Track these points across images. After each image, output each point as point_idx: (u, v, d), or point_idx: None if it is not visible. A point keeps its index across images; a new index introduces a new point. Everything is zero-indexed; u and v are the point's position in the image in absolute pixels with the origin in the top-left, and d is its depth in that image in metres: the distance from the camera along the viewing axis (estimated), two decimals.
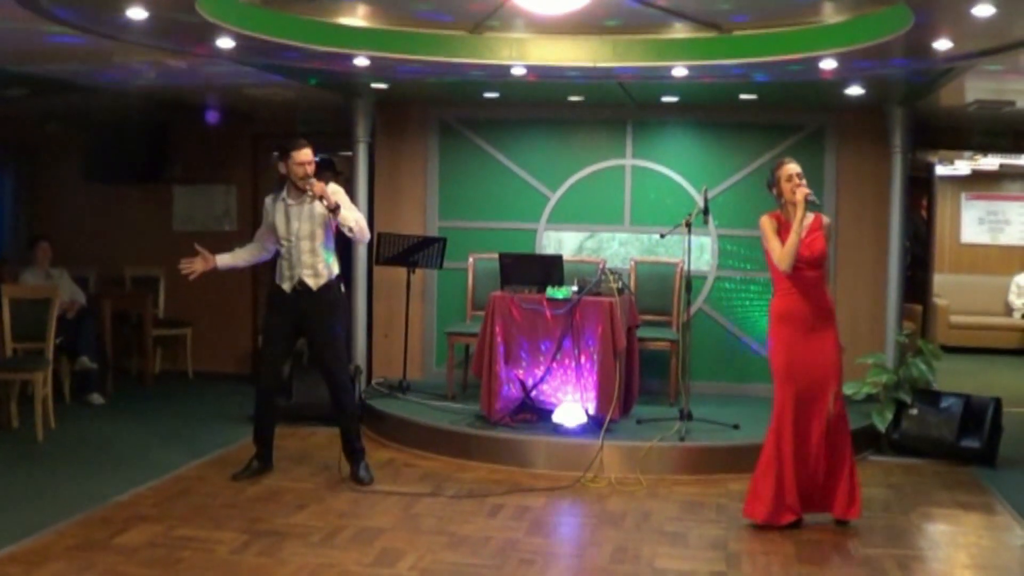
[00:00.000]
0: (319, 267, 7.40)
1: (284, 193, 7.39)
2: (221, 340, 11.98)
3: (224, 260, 7.65)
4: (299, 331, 7.58)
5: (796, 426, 6.53)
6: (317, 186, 7.21)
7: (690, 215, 8.38)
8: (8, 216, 12.45)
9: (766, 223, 6.63)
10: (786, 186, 6.60)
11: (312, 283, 7.37)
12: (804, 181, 6.59)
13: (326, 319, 7.45)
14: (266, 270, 11.88)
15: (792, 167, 6.64)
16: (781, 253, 6.54)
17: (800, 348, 6.57)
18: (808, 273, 6.55)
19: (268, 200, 7.55)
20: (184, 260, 7.52)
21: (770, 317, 6.76)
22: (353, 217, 7.31)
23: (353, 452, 7.54)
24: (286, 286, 7.40)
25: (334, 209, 7.18)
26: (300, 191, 7.30)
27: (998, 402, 8.49)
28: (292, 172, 7.28)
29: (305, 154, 7.28)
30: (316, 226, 7.34)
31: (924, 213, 12.63)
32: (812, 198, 6.56)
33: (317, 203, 7.28)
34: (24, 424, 8.74)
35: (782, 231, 6.58)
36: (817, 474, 6.55)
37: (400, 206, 10.61)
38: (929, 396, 8.68)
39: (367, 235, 7.58)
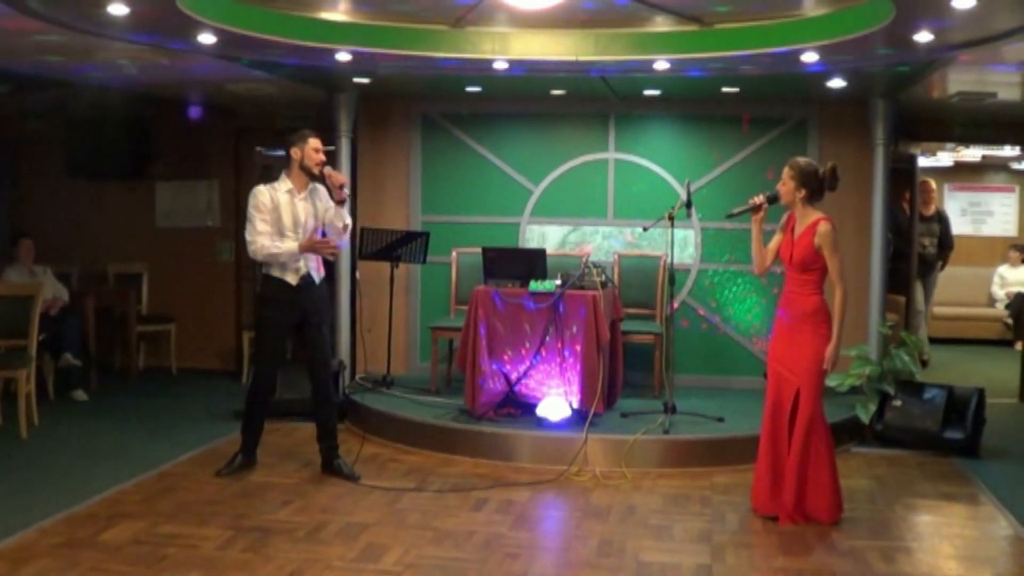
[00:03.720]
0: (320, 261, 7.41)
1: (290, 185, 7.28)
2: (205, 336, 11.95)
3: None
4: (296, 325, 7.43)
5: (771, 421, 6.61)
6: (339, 176, 7.23)
7: (673, 208, 8.37)
8: None
9: (783, 219, 6.75)
10: None
11: (316, 276, 7.37)
12: (782, 184, 6.61)
13: (323, 313, 7.46)
14: (250, 266, 11.92)
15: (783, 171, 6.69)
16: None
17: (778, 344, 6.66)
18: (791, 274, 6.60)
19: (265, 190, 7.24)
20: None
21: None
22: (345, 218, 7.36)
23: (337, 446, 7.55)
24: (292, 279, 7.26)
25: (342, 201, 7.23)
26: (308, 179, 7.28)
27: (981, 393, 8.51)
28: (309, 158, 7.22)
29: (319, 141, 7.30)
30: (318, 220, 7.33)
31: (906, 205, 12.65)
32: (751, 203, 6.76)
33: (319, 196, 7.30)
34: (7, 421, 8.70)
35: (786, 228, 6.69)
36: (789, 473, 6.52)
37: (383, 201, 10.60)
38: (912, 387, 8.70)
39: (347, 241, 7.58)
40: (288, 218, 7.24)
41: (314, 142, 7.26)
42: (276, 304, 7.33)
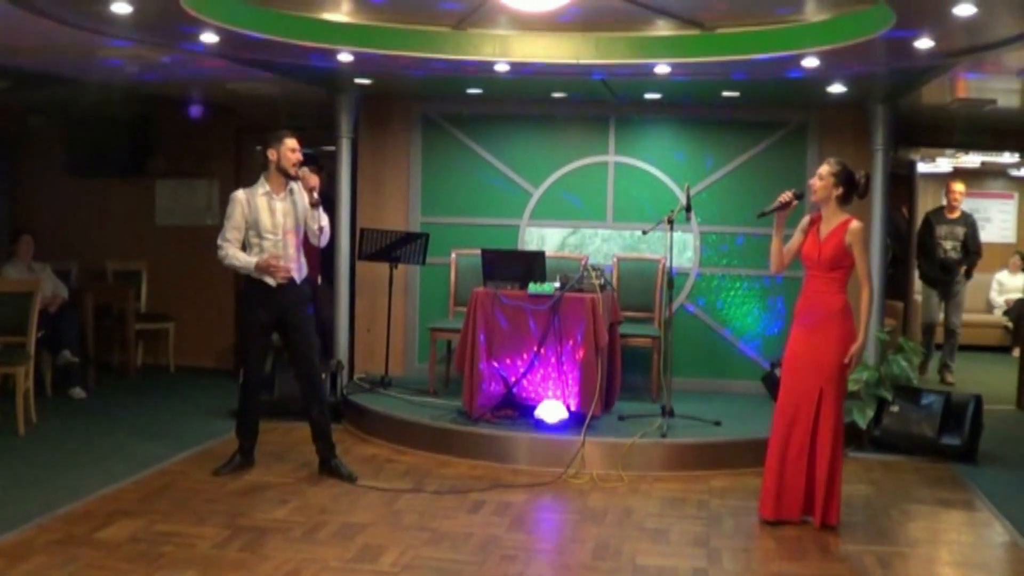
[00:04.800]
0: (301, 260, 7.43)
1: (267, 187, 7.31)
2: (203, 335, 11.95)
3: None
4: (278, 325, 7.47)
5: (785, 426, 6.54)
6: (313, 177, 7.23)
7: (672, 212, 8.38)
8: None
9: (804, 221, 6.73)
10: None
11: (297, 276, 7.37)
12: (819, 179, 6.62)
13: (305, 311, 7.46)
14: None
15: (820, 168, 6.69)
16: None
17: (797, 345, 6.60)
18: (815, 273, 6.56)
19: (242, 195, 7.32)
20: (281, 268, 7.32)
21: None
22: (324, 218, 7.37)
23: (333, 446, 7.56)
24: (269, 280, 7.30)
25: (317, 203, 7.22)
26: (286, 180, 7.29)
27: (979, 399, 8.52)
28: (285, 158, 7.23)
29: (295, 142, 7.29)
30: (299, 220, 7.34)
31: (905, 211, 12.67)
32: (781, 200, 6.73)
33: (299, 196, 7.31)
34: (5, 418, 8.69)
35: (809, 229, 6.66)
36: (799, 474, 6.53)
37: (383, 202, 10.60)
38: (910, 393, 8.70)
39: (327, 239, 7.57)
40: (267, 220, 7.27)
41: (290, 142, 7.26)
42: (255, 305, 7.40)
